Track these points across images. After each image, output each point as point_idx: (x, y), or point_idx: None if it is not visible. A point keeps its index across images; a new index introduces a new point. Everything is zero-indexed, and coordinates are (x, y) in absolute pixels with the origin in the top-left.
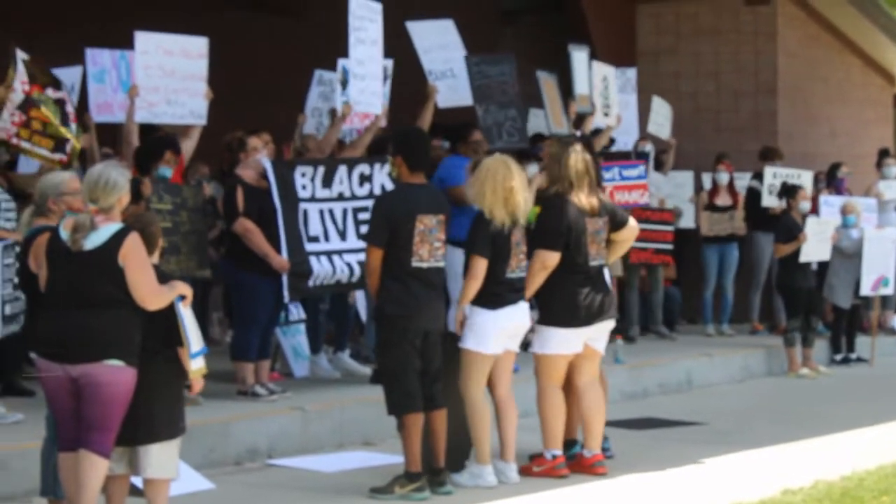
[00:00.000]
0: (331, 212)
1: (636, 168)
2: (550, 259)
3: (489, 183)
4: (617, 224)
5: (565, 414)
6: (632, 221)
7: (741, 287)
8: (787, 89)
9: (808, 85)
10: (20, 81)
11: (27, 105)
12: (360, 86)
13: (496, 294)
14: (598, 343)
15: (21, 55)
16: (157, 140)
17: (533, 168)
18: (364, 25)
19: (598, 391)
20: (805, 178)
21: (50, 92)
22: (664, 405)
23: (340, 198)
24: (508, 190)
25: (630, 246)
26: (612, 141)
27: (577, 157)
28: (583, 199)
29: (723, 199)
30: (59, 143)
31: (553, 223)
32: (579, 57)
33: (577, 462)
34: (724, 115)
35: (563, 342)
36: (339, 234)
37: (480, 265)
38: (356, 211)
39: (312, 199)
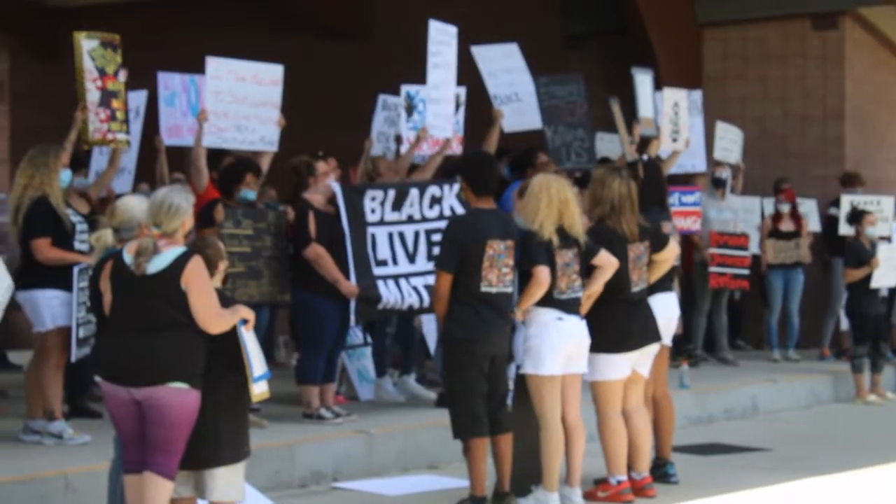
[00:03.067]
0: (401, 234)
1: (693, 195)
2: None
3: (543, 196)
4: (658, 245)
5: (627, 438)
6: (672, 243)
7: (815, 313)
8: (855, 114)
9: (875, 110)
10: (91, 80)
11: (106, 98)
12: (436, 110)
13: (545, 314)
14: (643, 368)
15: (86, 45)
16: (238, 163)
17: None
18: (440, 50)
19: (645, 415)
20: (885, 204)
21: (121, 76)
22: (729, 430)
23: (410, 220)
24: (563, 202)
25: (671, 265)
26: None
27: (621, 183)
28: (623, 224)
29: (786, 226)
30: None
31: (594, 250)
32: (643, 80)
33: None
34: (790, 140)
35: (612, 367)
36: (408, 256)
37: (545, 273)
38: (429, 233)
39: (381, 223)
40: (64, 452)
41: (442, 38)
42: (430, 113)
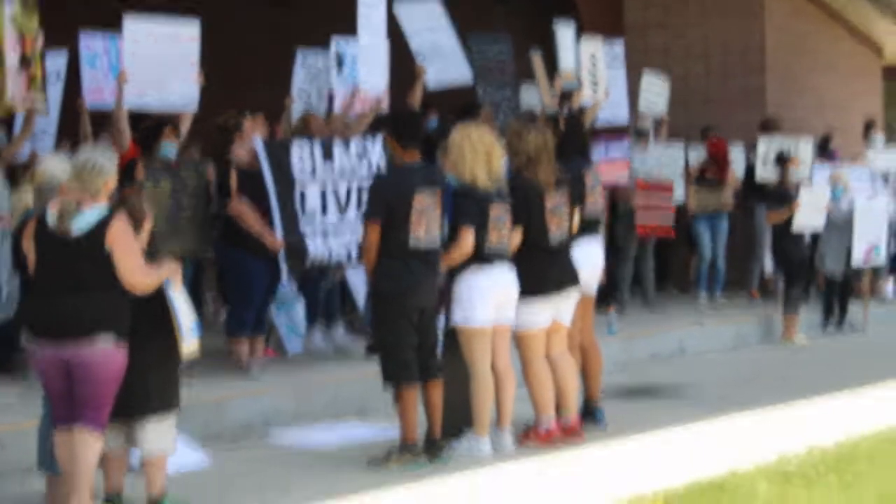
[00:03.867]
0: (334, 189)
1: (621, 145)
2: (513, 237)
3: (466, 144)
4: (578, 197)
5: (552, 384)
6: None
7: (736, 257)
8: (776, 63)
9: (796, 58)
10: (10, 47)
11: (24, 65)
12: (368, 68)
13: (470, 261)
14: (564, 316)
15: (7, 10)
16: (153, 120)
17: None
18: (370, 13)
19: (570, 360)
20: (803, 147)
21: (39, 39)
22: (657, 374)
23: (342, 174)
24: (489, 146)
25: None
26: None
27: (537, 135)
28: (540, 175)
29: (709, 172)
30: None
31: (513, 201)
32: (564, 32)
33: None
34: (713, 87)
35: (532, 315)
36: (340, 209)
37: (469, 237)
38: (360, 189)
39: (312, 177)
40: None
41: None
42: (364, 71)
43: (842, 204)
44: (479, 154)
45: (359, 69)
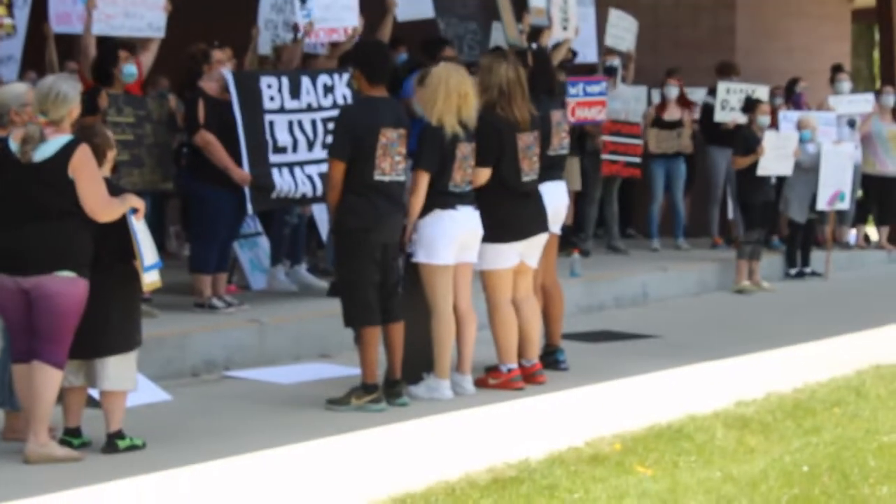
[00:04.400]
0: (300, 123)
1: (598, 84)
2: (481, 175)
3: (441, 89)
4: (546, 138)
5: (517, 327)
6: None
7: (699, 202)
8: (745, 4)
9: (765, 0)
10: None
11: None
12: (326, 2)
13: (436, 204)
14: (531, 259)
15: None
16: (107, 46)
17: None
18: None
19: (534, 304)
20: (761, 93)
21: None
22: (620, 318)
23: (309, 108)
24: (463, 96)
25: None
26: (574, 54)
27: (508, 67)
28: (515, 111)
29: (671, 114)
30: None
31: (483, 139)
32: None
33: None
34: (682, 29)
35: (500, 257)
36: (308, 144)
37: (424, 179)
38: (325, 121)
39: (281, 111)
40: None
41: None
42: (319, 5)
43: (809, 148)
44: (451, 100)
45: (312, 4)
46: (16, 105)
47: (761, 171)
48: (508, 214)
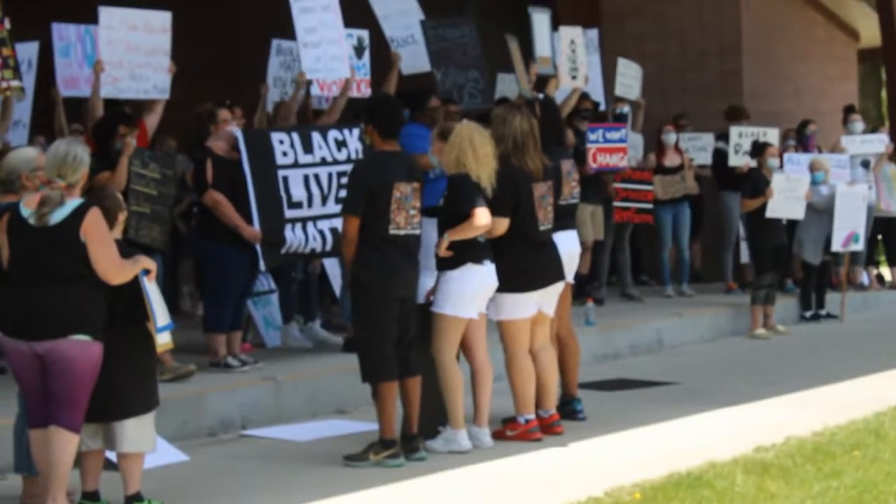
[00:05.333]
0: (316, 176)
1: (618, 131)
2: (500, 226)
3: (469, 149)
4: (558, 187)
5: (535, 377)
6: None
7: (712, 247)
8: (752, 48)
9: (771, 43)
10: None
11: None
12: (315, 53)
13: (468, 258)
14: (548, 307)
15: None
16: (108, 117)
17: None
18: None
19: (552, 354)
20: (771, 136)
21: (6, 24)
22: (636, 366)
23: (324, 162)
24: (486, 156)
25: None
26: (596, 105)
27: (522, 119)
28: (528, 162)
29: (670, 160)
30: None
31: (500, 190)
32: (539, 19)
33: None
34: (689, 75)
35: (518, 307)
36: (323, 198)
37: (485, 215)
38: (339, 175)
39: (295, 165)
40: None
41: None
42: (309, 57)
43: (822, 190)
44: (480, 158)
45: (303, 56)
46: (27, 170)
47: (770, 213)
48: (526, 264)
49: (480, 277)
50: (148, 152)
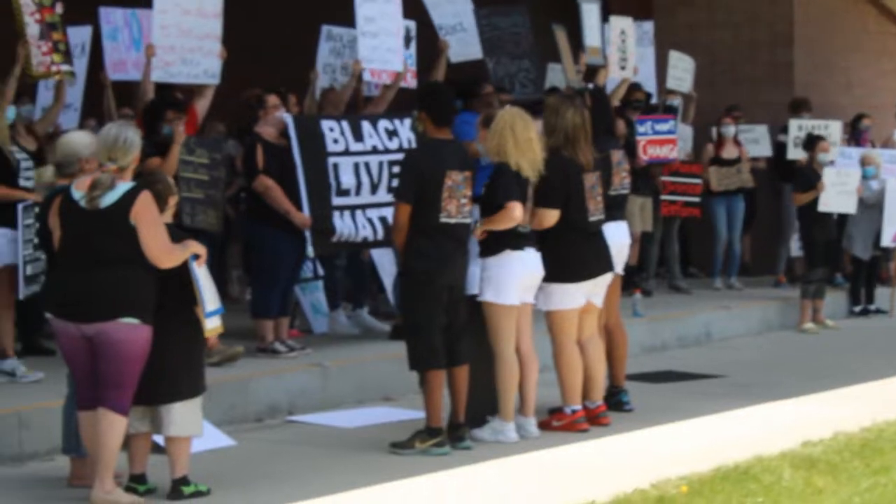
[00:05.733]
0: (366, 164)
1: (667, 123)
2: (550, 217)
3: (509, 136)
4: (607, 178)
5: (582, 368)
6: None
7: (767, 240)
8: (804, 40)
9: (823, 36)
10: (28, 14)
11: (46, 31)
12: (373, 43)
13: (507, 245)
14: (597, 298)
15: None
16: (157, 101)
17: None
18: None
19: (599, 345)
20: (833, 129)
21: (58, 8)
22: (683, 358)
23: (375, 151)
24: (528, 141)
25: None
26: (648, 96)
27: (575, 112)
28: (579, 154)
29: (728, 152)
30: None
31: (551, 181)
32: (589, 9)
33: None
34: (740, 66)
35: (568, 297)
36: (372, 186)
37: (519, 209)
38: (391, 164)
39: (346, 153)
40: (17, 390)
41: None
42: (366, 46)
43: (872, 185)
44: (521, 145)
45: (360, 45)
46: (87, 154)
47: (822, 206)
48: (575, 254)
49: (521, 263)
50: (193, 138)
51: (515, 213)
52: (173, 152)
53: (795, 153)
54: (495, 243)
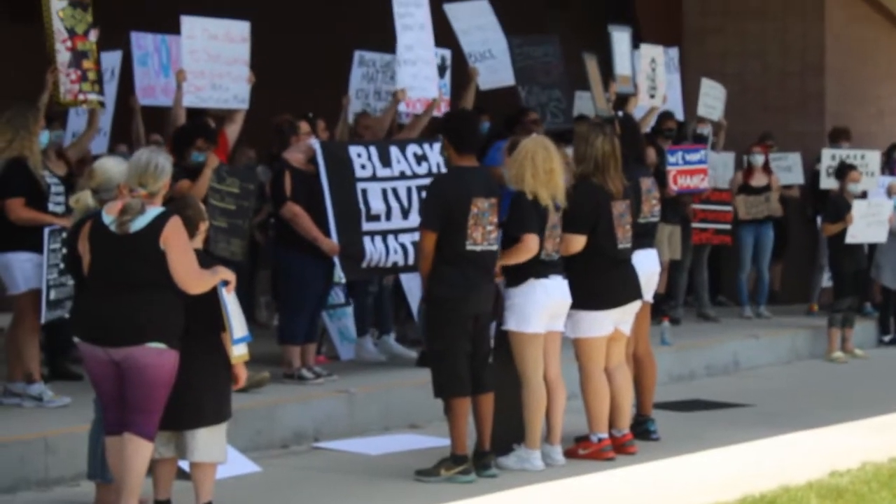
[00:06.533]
0: (394, 190)
1: (698, 153)
2: (577, 243)
3: (529, 166)
4: (637, 206)
5: (609, 396)
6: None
7: (797, 268)
8: (835, 69)
9: (855, 65)
10: (60, 41)
11: (77, 59)
12: (412, 71)
13: (531, 274)
14: (625, 325)
15: (56, 5)
16: (189, 127)
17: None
18: (409, 11)
19: (627, 373)
20: (870, 158)
21: (92, 36)
22: (711, 387)
23: (403, 176)
24: (548, 172)
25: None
26: (680, 125)
27: (605, 140)
28: (609, 182)
29: (757, 181)
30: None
31: (579, 207)
32: (620, 37)
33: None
34: (770, 95)
35: (595, 325)
36: (403, 212)
37: (534, 242)
38: (420, 189)
39: (374, 178)
40: (44, 414)
41: (409, 0)
42: (407, 74)
43: None
44: (539, 175)
45: (398, 72)
46: (123, 180)
47: (850, 238)
48: (604, 282)
49: (545, 292)
50: (226, 167)
51: (530, 246)
52: (204, 175)
53: (828, 182)
54: (519, 272)
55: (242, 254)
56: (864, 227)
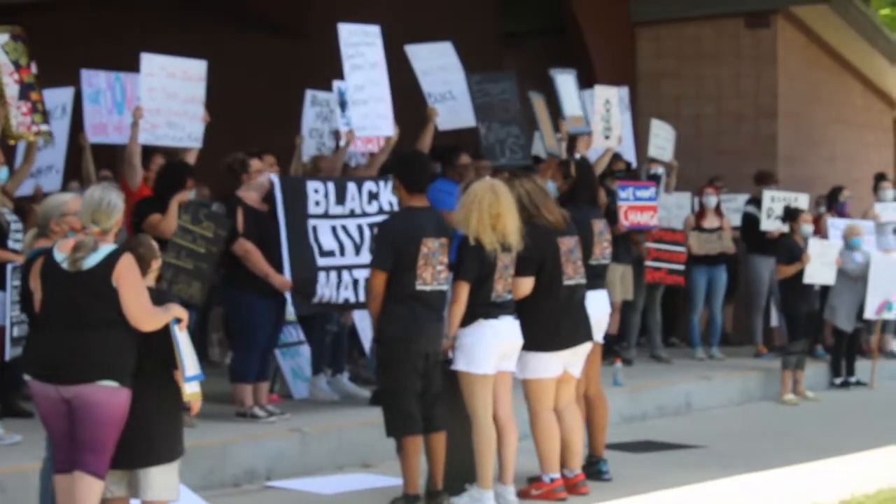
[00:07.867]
0: (344, 227)
1: (648, 189)
2: (524, 286)
3: (475, 210)
4: (588, 248)
5: (559, 436)
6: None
7: (743, 310)
8: (788, 113)
9: (808, 108)
10: (7, 74)
11: (25, 92)
12: (363, 111)
13: (479, 314)
14: (574, 368)
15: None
16: (179, 167)
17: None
18: (360, 51)
19: (577, 413)
20: (802, 201)
21: (33, 68)
22: (663, 428)
23: (352, 214)
24: (495, 216)
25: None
26: (628, 166)
27: (520, 184)
28: (546, 215)
29: (710, 222)
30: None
31: (525, 251)
32: (564, 80)
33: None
34: (724, 138)
35: (542, 366)
36: (356, 248)
37: (464, 290)
38: (371, 227)
39: (325, 216)
40: None
41: (360, 40)
42: (357, 114)
43: (856, 257)
44: (485, 220)
45: (351, 113)
46: (56, 215)
47: (808, 279)
48: (552, 324)
49: (494, 333)
50: (205, 210)
51: (458, 292)
52: (171, 210)
53: (769, 224)
54: (468, 312)
55: (201, 298)
56: (818, 266)
